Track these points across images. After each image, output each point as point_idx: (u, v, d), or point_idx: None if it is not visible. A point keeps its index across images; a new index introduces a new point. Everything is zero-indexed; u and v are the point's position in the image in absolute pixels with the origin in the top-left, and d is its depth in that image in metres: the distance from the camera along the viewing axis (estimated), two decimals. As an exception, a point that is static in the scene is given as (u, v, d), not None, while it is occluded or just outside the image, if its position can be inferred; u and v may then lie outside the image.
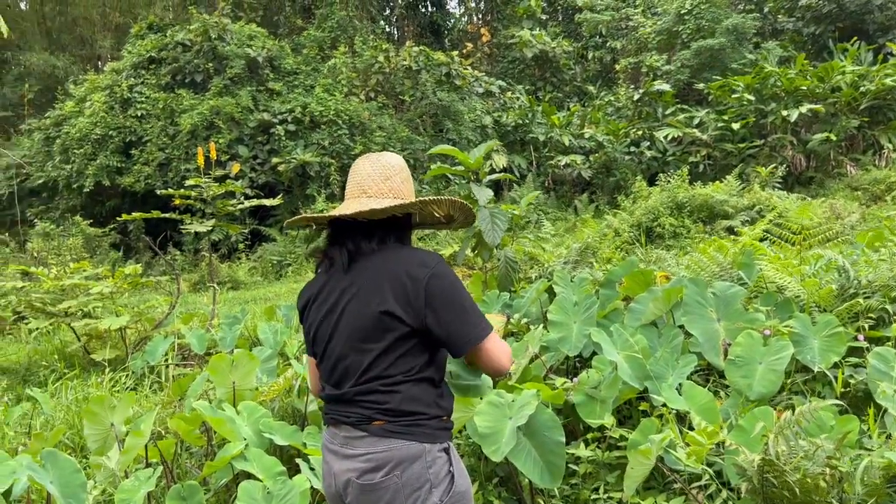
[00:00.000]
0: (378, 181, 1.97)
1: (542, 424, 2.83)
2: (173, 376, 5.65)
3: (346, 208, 1.93)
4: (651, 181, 14.55)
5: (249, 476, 3.00)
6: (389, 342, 1.83)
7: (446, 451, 1.88)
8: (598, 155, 16.68)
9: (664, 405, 3.05)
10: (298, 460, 2.76)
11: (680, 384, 3.10)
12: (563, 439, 2.80)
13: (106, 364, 5.79)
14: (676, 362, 3.25)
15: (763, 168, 13.78)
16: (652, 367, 3.21)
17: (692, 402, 2.92)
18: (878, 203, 14.27)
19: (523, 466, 2.79)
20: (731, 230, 11.24)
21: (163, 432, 4.21)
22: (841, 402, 2.56)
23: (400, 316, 1.81)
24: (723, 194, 12.16)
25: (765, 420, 2.50)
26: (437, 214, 2.08)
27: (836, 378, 3.05)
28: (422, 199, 1.96)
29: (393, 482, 1.79)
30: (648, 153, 16.46)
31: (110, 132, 15.92)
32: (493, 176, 5.09)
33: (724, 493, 2.34)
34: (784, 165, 14.67)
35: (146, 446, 3.21)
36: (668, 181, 12.96)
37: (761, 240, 4.84)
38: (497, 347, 1.89)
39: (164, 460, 3.21)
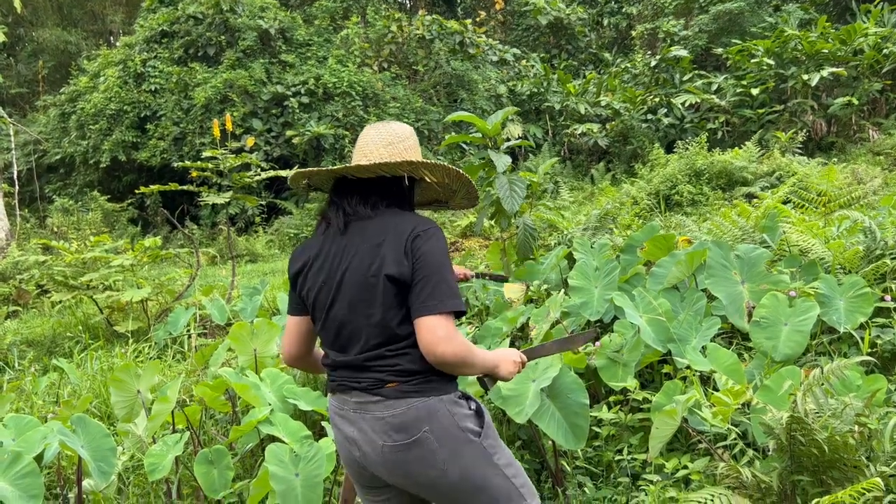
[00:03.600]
0: (379, 146, 1.94)
1: (566, 387, 2.84)
2: (196, 346, 5.72)
3: (340, 167, 1.93)
4: (668, 149, 14.40)
5: (275, 440, 3.03)
6: (392, 305, 1.81)
7: (462, 396, 1.89)
8: (615, 123, 16.48)
9: (688, 367, 3.04)
10: (324, 423, 2.78)
11: (704, 346, 3.08)
12: (587, 401, 2.80)
13: (129, 335, 5.86)
14: (700, 325, 3.23)
15: (783, 133, 13.57)
16: (675, 329, 3.20)
17: (717, 363, 2.91)
18: (901, 168, 14.05)
19: (547, 428, 2.80)
20: (750, 197, 11.13)
21: (188, 400, 4.27)
22: (871, 358, 2.54)
23: (397, 277, 1.79)
24: (742, 161, 12.01)
25: (792, 379, 2.49)
26: (429, 180, 1.98)
27: (862, 339, 3.02)
28: (409, 160, 1.89)
29: (426, 438, 1.79)
30: (666, 120, 16.25)
31: (125, 107, 15.94)
32: (511, 143, 5.04)
33: (751, 453, 2.34)
34: (804, 131, 14.44)
35: (172, 413, 3.25)
36: (686, 148, 12.82)
37: (784, 202, 4.78)
38: (446, 330, 1.75)
39: (191, 426, 3.26)
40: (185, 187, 6.84)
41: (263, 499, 2.71)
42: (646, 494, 2.73)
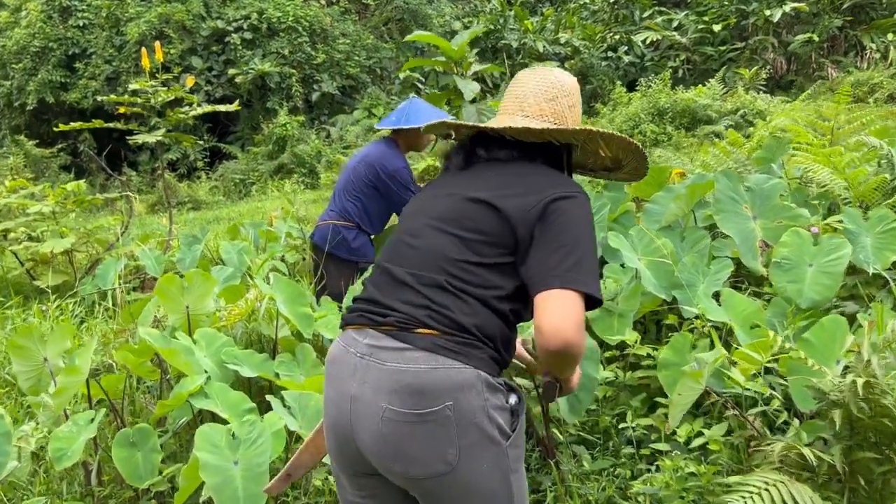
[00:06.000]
0: (540, 100, 1.62)
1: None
2: (127, 301, 5.12)
3: (496, 122, 1.60)
4: (630, 88, 13.96)
5: (214, 416, 2.53)
6: (484, 239, 1.43)
7: (504, 384, 1.43)
8: (574, 61, 15.94)
9: (697, 317, 2.62)
10: (270, 397, 2.27)
11: (717, 293, 2.66)
12: (598, 375, 2.37)
13: (49, 291, 5.22)
14: (707, 267, 2.80)
15: (746, 70, 13.26)
16: (680, 273, 2.76)
17: (733, 312, 2.49)
18: (859, 105, 13.91)
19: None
20: (715, 136, 10.82)
21: (115, 365, 3.71)
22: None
23: (509, 215, 1.42)
24: (706, 99, 11.69)
25: (837, 332, 2.07)
26: (602, 154, 1.66)
27: (893, 280, 2.64)
28: (590, 128, 1.56)
29: (445, 415, 1.33)
30: (626, 58, 15.79)
31: (50, 44, 14.69)
32: (479, 67, 4.49)
33: (796, 423, 1.92)
34: (766, 68, 14.16)
35: (87, 384, 2.70)
36: (649, 87, 12.41)
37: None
38: (580, 315, 1.34)
39: (110, 399, 2.71)
40: (111, 124, 6.09)
41: (197, 489, 2.21)
42: (657, 469, 2.32)
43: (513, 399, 1.43)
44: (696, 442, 2.28)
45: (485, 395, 1.36)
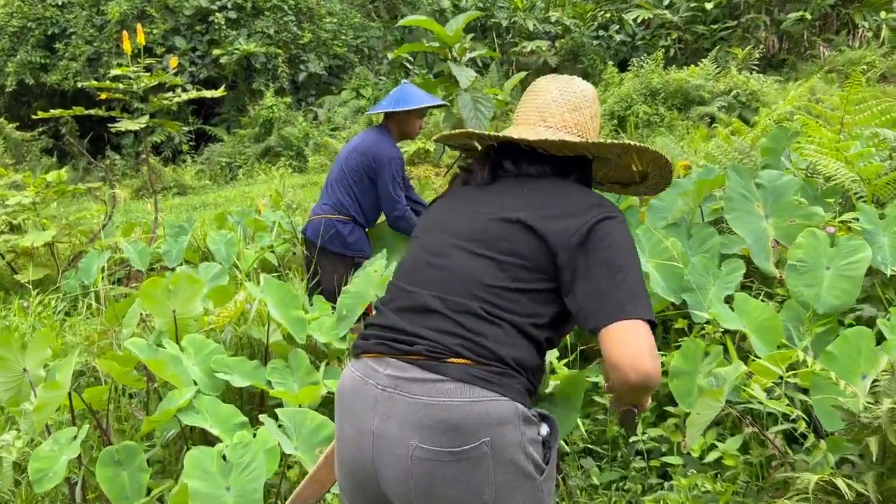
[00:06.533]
0: (564, 110, 1.54)
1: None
2: (114, 297, 4.96)
3: (517, 133, 1.50)
4: (621, 67, 13.78)
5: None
6: (521, 263, 1.34)
7: (536, 414, 1.34)
8: (565, 40, 15.73)
9: (707, 323, 2.51)
10: (263, 417, 2.15)
11: (729, 296, 2.55)
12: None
13: (31, 286, 5.04)
14: (718, 269, 2.69)
15: (740, 50, 13.11)
16: (690, 276, 2.64)
17: (747, 318, 2.38)
18: (852, 83, 13.81)
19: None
20: (709, 118, 10.69)
21: (100, 372, 3.57)
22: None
23: (548, 240, 1.33)
24: (698, 79, 11.55)
25: (862, 344, 1.96)
26: (633, 168, 1.57)
27: (912, 282, 2.54)
28: (628, 142, 1.49)
29: (482, 452, 1.23)
30: (617, 37, 15.59)
31: (29, 23, 14.29)
32: (474, 53, 4.33)
33: (818, 443, 1.82)
34: (759, 47, 14.01)
35: (70, 396, 2.56)
36: (641, 66, 12.24)
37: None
38: (650, 340, 1.27)
39: (94, 413, 2.58)
40: (92, 111, 5.89)
41: (186, 514, 2.08)
42: (669, 483, 2.23)
43: (544, 430, 1.33)
44: (711, 456, 2.19)
45: (521, 429, 1.27)
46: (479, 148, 1.63)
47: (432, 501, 1.25)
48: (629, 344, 1.25)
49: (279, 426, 2.13)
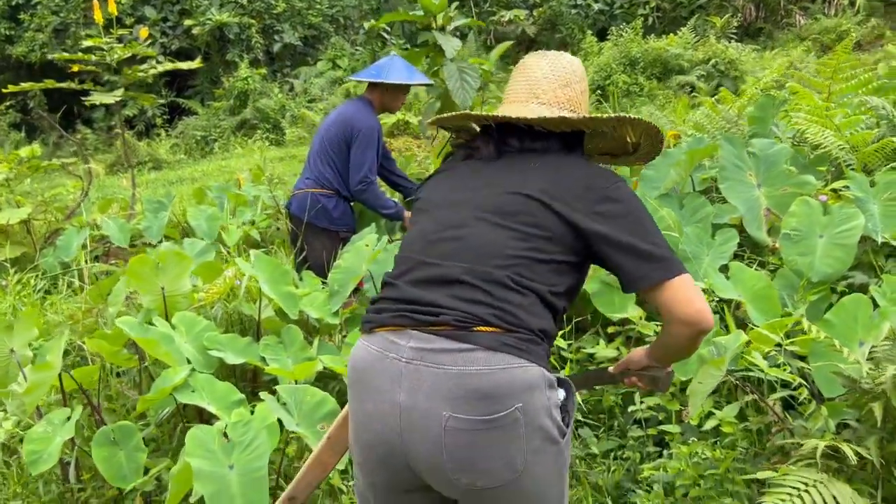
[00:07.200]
0: (555, 87, 1.57)
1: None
2: (95, 274, 4.87)
3: (511, 111, 1.52)
4: (600, 37, 13.71)
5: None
6: (544, 235, 1.36)
7: (558, 380, 1.37)
8: (543, 9, 15.59)
9: (703, 292, 2.52)
10: (263, 394, 2.13)
11: (724, 266, 2.56)
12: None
13: (8, 265, 4.94)
14: (712, 239, 2.70)
15: (718, 18, 13.10)
16: (685, 246, 2.65)
17: (743, 287, 2.40)
18: (827, 53, 13.89)
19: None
20: (688, 87, 10.71)
21: (86, 351, 3.51)
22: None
23: (565, 215, 1.36)
24: (677, 48, 11.55)
25: (859, 311, 1.99)
26: (627, 140, 1.61)
27: (902, 249, 2.57)
28: (624, 115, 1.54)
29: (516, 418, 1.24)
30: (595, 6, 15.47)
31: (-9, -7, 13.86)
32: (460, 22, 4.27)
33: (824, 411, 1.84)
34: (737, 16, 14.02)
35: (60, 377, 2.51)
36: (620, 35, 12.18)
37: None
38: (699, 290, 1.39)
39: (86, 393, 2.54)
40: (63, 84, 5.73)
41: (188, 494, 2.07)
42: (668, 451, 2.25)
43: (562, 394, 1.36)
44: (709, 424, 2.21)
45: (547, 394, 1.30)
46: (477, 128, 1.63)
47: (466, 471, 1.25)
48: (693, 299, 1.33)
49: (282, 403, 2.11)
